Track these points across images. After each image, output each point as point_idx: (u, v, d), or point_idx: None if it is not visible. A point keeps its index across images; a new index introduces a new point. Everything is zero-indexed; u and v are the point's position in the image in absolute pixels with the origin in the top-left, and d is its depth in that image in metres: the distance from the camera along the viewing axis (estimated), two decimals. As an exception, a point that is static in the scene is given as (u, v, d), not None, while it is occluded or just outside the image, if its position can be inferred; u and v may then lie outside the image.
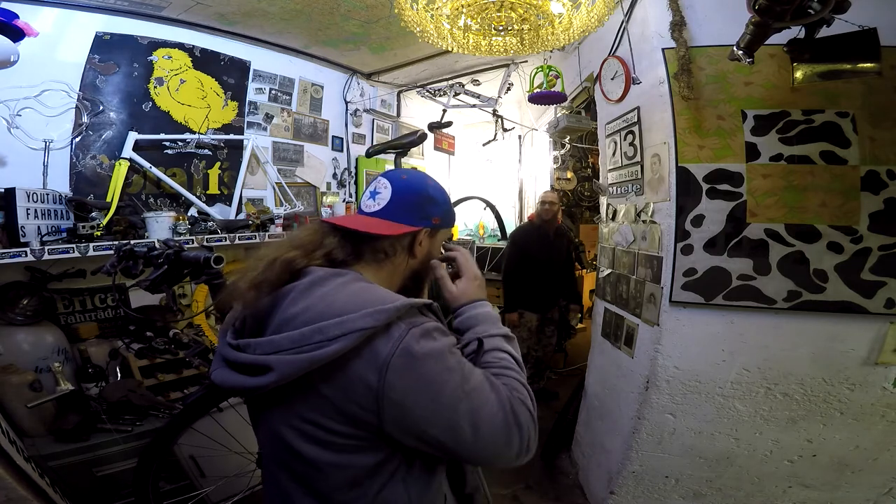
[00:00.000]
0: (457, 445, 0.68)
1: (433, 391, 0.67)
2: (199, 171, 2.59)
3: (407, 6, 1.49)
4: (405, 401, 0.66)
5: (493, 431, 0.69)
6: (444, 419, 0.67)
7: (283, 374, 0.65)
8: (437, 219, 0.88)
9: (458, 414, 0.67)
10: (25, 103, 1.98)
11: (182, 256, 1.34)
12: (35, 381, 1.75)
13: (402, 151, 2.34)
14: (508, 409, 0.70)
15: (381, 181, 0.87)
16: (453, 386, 0.68)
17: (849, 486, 1.79)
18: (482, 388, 0.71)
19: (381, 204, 0.84)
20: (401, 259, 0.86)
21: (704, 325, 1.74)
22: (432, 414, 0.67)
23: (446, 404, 0.67)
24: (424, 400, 0.66)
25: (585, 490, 2.37)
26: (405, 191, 0.85)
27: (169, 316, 2.23)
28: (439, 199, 0.89)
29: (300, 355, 0.65)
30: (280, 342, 0.67)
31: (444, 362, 0.69)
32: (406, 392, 0.66)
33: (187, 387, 2.17)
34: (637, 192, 2.00)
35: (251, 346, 0.71)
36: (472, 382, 0.70)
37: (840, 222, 1.60)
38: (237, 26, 2.58)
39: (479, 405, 0.69)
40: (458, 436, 0.68)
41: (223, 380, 0.73)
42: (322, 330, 0.66)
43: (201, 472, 1.90)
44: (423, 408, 0.66)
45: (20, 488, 1.26)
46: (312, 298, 0.72)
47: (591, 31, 1.54)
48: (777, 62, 1.61)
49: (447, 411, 0.67)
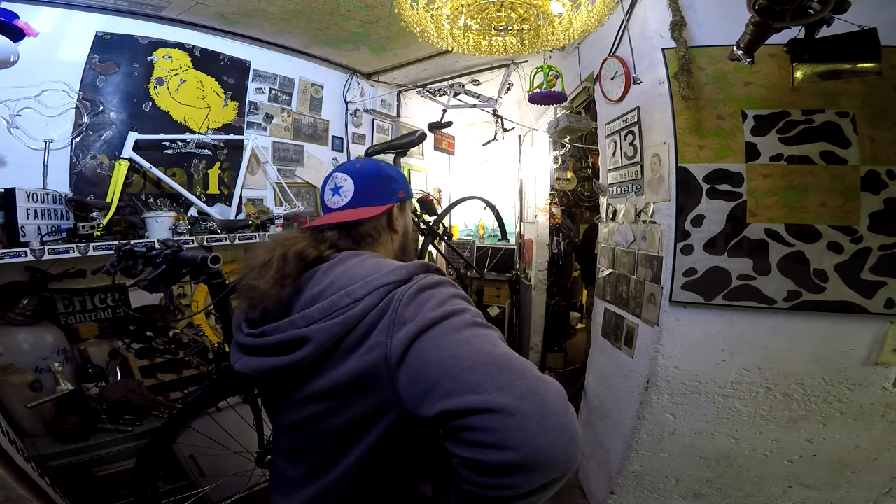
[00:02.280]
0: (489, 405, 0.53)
1: (449, 313, 0.63)
2: (199, 171, 2.59)
3: (407, 6, 1.49)
4: (416, 331, 0.61)
5: (541, 393, 0.55)
6: (468, 358, 0.58)
7: (320, 343, 0.67)
8: (401, 192, 0.95)
9: (484, 354, 0.58)
10: (25, 103, 1.98)
11: (180, 256, 1.34)
12: (35, 381, 1.75)
13: (402, 151, 2.34)
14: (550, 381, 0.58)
15: (339, 175, 0.92)
16: (471, 322, 0.63)
17: (849, 486, 1.79)
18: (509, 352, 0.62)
19: (349, 195, 0.90)
20: (386, 238, 0.93)
21: (704, 325, 1.74)
22: (450, 351, 0.59)
23: (466, 340, 0.60)
24: (440, 329, 0.62)
25: (585, 490, 2.37)
26: (366, 176, 0.91)
27: (169, 316, 2.23)
28: (395, 174, 0.96)
29: (333, 320, 0.67)
30: (311, 314, 0.70)
31: (462, 299, 0.68)
32: (415, 314, 0.63)
33: (187, 387, 2.17)
34: (637, 192, 2.00)
35: (280, 327, 0.72)
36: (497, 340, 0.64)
37: (840, 222, 1.60)
38: (237, 26, 2.58)
39: (511, 355, 0.60)
40: (486, 387, 0.55)
41: (251, 367, 0.75)
42: (350, 293, 0.68)
43: (201, 472, 1.90)
44: (439, 340, 0.61)
45: (20, 488, 1.26)
46: (336, 274, 0.75)
47: (591, 31, 1.53)
48: (777, 62, 1.61)
49: (468, 349, 0.59)
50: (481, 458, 0.53)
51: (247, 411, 1.66)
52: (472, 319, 0.64)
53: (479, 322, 0.64)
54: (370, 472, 0.71)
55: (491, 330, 0.65)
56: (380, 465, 0.70)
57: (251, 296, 0.76)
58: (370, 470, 0.71)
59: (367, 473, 0.71)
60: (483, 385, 0.54)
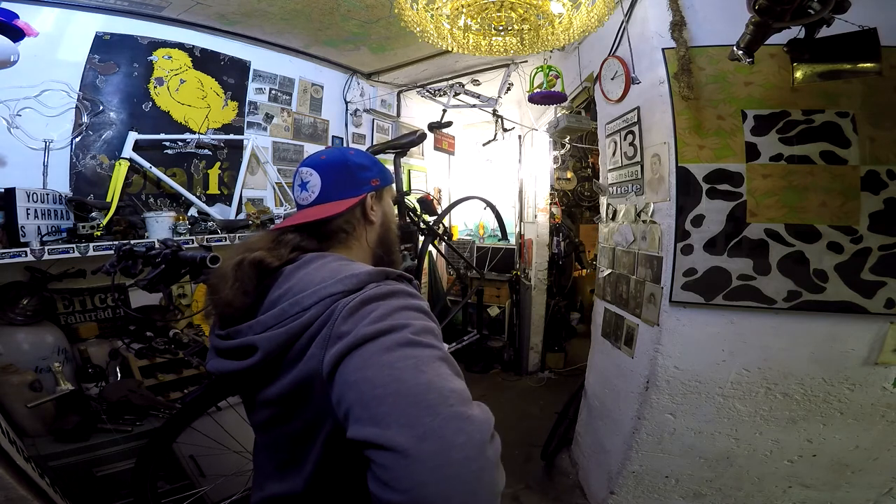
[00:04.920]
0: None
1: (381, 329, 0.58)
2: (199, 171, 2.59)
3: (407, 6, 1.49)
4: (349, 339, 0.58)
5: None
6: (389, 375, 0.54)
7: (267, 351, 0.67)
8: (375, 180, 0.90)
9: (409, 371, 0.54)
10: (25, 103, 1.98)
11: (179, 256, 1.34)
12: (35, 381, 1.75)
13: (402, 151, 2.34)
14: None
15: (305, 171, 0.88)
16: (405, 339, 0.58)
17: (849, 486, 1.79)
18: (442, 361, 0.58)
19: (316, 191, 0.86)
20: (361, 231, 0.88)
21: (704, 325, 1.74)
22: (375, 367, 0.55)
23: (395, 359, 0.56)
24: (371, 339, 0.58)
25: (585, 490, 2.37)
26: (332, 169, 0.87)
27: (169, 316, 2.23)
28: (366, 162, 0.90)
29: (279, 329, 0.67)
30: (266, 321, 0.69)
31: (411, 311, 0.63)
32: (351, 329, 0.59)
33: (187, 387, 2.17)
34: (637, 192, 2.00)
35: (241, 331, 0.73)
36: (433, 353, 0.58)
37: (840, 222, 1.60)
38: (237, 26, 2.58)
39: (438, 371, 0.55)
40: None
41: (216, 367, 0.76)
42: (299, 301, 0.67)
43: (201, 472, 1.90)
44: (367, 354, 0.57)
45: (20, 488, 1.26)
46: (296, 279, 0.73)
47: (591, 31, 1.53)
48: (777, 62, 1.61)
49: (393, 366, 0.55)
50: (376, 492, 0.50)
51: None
52: (408, 338, 0.57)
53: (416, 341, 0.57)
54: (332, 481, 0.70)
55: (430, 350, 0.57)
56: (337, 477, 0.69)
57: (217, 304, 0.76)
58: (331, 478, 0.69)
59: (329, 481, 0.70)
60: (387, 419, 0.50)
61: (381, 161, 0.98)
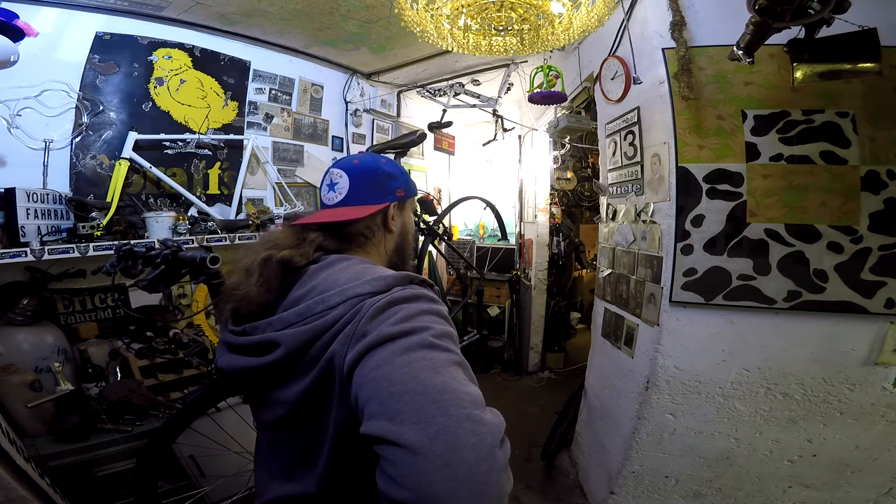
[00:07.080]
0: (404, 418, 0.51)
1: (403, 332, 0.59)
2: (199, 171, 2.59)
3: (407, 6, 1.49)
4: (370, 337, 0.59)
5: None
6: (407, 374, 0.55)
7: (289, 348, 0.67)
8: (400, 191, 0.92)
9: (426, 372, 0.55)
10: (25, 103, 1.98)
11: (179, 256, 1.34)
12: (35, 381, 1.75)
13: (402, 151, 2.34)
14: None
15: (335, 171, 0.90)
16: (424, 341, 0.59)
17: (849, 486, 1.79)
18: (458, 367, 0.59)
19: (343, 192, 0.87)
20: (379, 238, 0.90)
21: (704, 325, 1.74)
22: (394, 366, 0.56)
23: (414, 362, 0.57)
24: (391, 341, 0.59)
25: (585, 490, 2.37)
26: (361, 174, 0.89)
27: (169, 316, 2.23)
28: (395, 172, 0.92)
29: (304, 326, 0.67)
30: (287, 317, 0.69)
31: (433, 315, 0.64)
32: (374, 329, 0.61)
33: (187, 387, 2.17)
34: (637, 192, 2.00)
35: (260, 327, 0.72)
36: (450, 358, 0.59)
37: (840, 222, 1.60)
38: (237, 26, 2.58)
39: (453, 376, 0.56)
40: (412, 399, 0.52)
41: (229, 364, 0.75)
42: (325, 300, 0.67)
43: (201, 472, 1.90)
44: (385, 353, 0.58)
45: (20, 488, 1.26)
46: (320, 278, 0.74)
47: (591, 31, 1.53)
48: (777, 62, 1.61)
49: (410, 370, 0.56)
50: (383, 488, 0.50)
51: (247, 411, 1.65)
52: (428, 340, 0.59)
53: (435, 343, 0.59)
54: (346, 482, 0.70)
55: (448, 354, 0.58)
56: (352, 478, 0.69)
57: (236, 299, 0.76)
58: (345, 479, 0.69)
59: (343, 482, 0.70)
60: (400, 415, 0.51)
61: (383, 157, 0.98)
